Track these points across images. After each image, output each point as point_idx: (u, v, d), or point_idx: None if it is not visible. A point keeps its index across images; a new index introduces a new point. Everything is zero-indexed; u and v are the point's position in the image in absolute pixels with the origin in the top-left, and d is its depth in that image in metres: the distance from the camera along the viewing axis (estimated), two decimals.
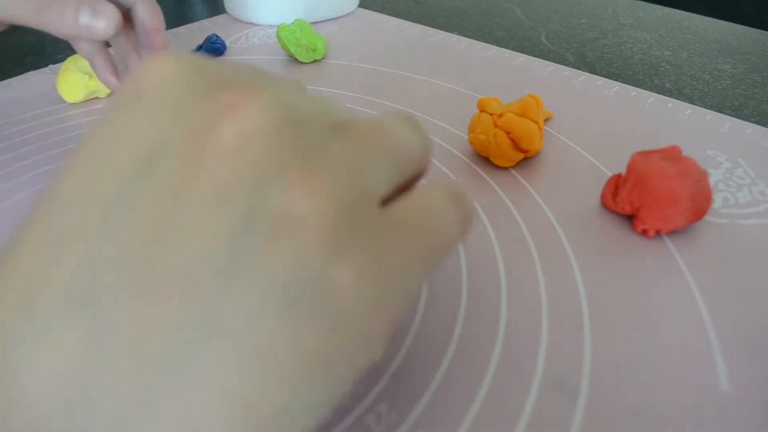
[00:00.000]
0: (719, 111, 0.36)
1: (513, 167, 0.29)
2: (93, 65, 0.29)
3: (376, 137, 0.13)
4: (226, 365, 0.10)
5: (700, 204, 0.24)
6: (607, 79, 0.39)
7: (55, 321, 0.10)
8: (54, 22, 0.24)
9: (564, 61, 0.43)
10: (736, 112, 0.36)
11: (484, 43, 0.44)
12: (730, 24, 0.52)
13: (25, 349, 0.10)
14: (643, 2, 0.57)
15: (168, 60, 0.12)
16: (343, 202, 0.11)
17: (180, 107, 0.11)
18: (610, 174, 0.28)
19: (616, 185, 0.25)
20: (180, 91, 0.12)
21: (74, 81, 0.33)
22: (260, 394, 0.10)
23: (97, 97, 0.34)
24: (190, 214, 0.10)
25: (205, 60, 0.13)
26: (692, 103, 0.37)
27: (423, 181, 0.15)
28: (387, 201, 0.13)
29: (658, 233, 0.24)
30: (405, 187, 0.14)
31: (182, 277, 0.10)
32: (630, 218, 0.25)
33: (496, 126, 0.28)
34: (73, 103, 0.34)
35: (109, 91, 0.34)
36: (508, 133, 0.28)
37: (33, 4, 0.24)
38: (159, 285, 0.10)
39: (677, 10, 0.55)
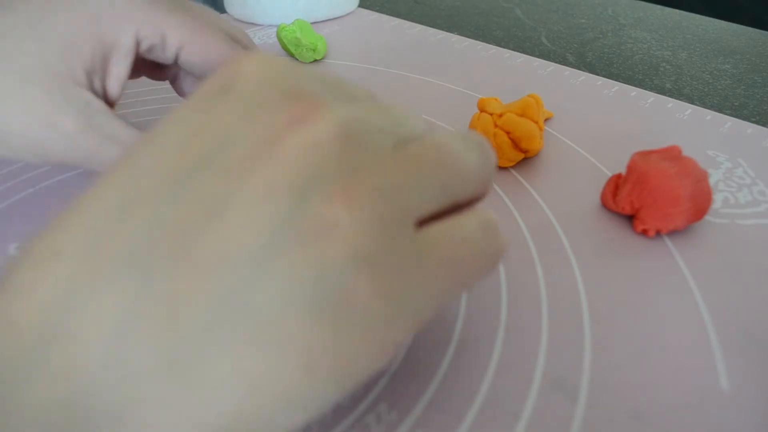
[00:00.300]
0: (719, 111, 0.36)
1: (513, 167, 0.29)
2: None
3: (430, 158, 0.13)
4: (243, 347, 0.10)
5: (700, 204, 0.24)
6: (607, 79, 0.39)
7: (111, 276, 0.11)
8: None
9: (564, 61, 0.43)
10: (736, 112, 0.36)
11: (484, 43, 0.44)
12: (730, 24, 0.52)
13: (81, 298, 0.11)
14: (643, 2, 0.57)
15: (256, 62, 0.14)
16: (378, 219, 0.12)
17: (256, 110, 0.13)
18: (610, 174, 0.28)
19: (616, 185, 0.25)
20: (260, 94, 0.13)
21: None
22: (266, 381, 0.11)
23: None
24: (240, 205, 0.11)
25: (288, 65, 0.14)
26: (692, 103, 0.37)
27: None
28: (428, 220, 0.13)
29: (658, 233, 0.24)
30: (461, 206, 0.15)
31: (222, 260, 0.11)
32: (630, 218, 0.25)
33: (496, 126, 0.28)
34: None
35: None
36: (508, 133, 0.28)
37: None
38: (201, 263, 0.11)
39: (677, 10, 0.55)
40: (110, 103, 0.22)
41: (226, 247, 0.11)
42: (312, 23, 0.47)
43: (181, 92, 0.27)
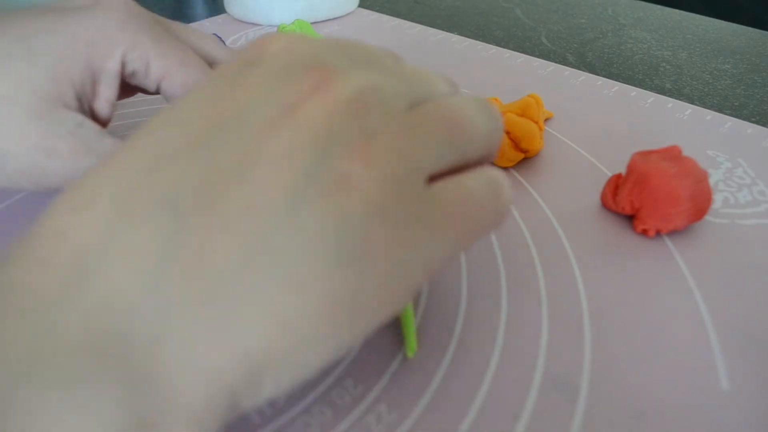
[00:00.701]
0: (719, 111, 0.36)
1: (513, 167, 0.29)
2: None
3: (441, 119, 0.15)
4: (273, 288, 0.11)
5: (700, 204, 0.24)
6: (607, 79, 0.39)
7: (148, 216, 0.12)
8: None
9: (564, 61, 0.43)
10: (736, 112, 0.36)
11: (484, 43, 0.44)
12: (730, 24, 0.52)
13: (118, 236, 0.11)
14: (643, 2, 0.57)
15: (282, 39, 0.15)
16: (392, 176, 0.13)
17: (280, 80, 0.14)
18: (610, 174, 0.28)
19: (616, 185, 0.25)
20: (283, 66, 0.14)
21: None
22: (295, 320, 0.11)
23: None
24: (267, 161, 0.12)
25: (310, 41, 0.15)
26: (692, 103, 0.37)
27: None
28: (438, 177, 0.14)
29: (658, 233, 0.24)
30: (470, 166, 0.16)
31: (251, 209, 0.12)
32: (630, 218, 0.25)
33: None
34: None
35: None
36: (508, 133, 0.28)
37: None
38: (232, 211, 0.12)
39: (677, 10, 0.55)
40: (102, 124, 0.22)
41: (254, 197, 0.12)
42: (312, 23, 0.47)
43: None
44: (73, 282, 0.11)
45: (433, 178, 0.14)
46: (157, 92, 0.23)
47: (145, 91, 0.24)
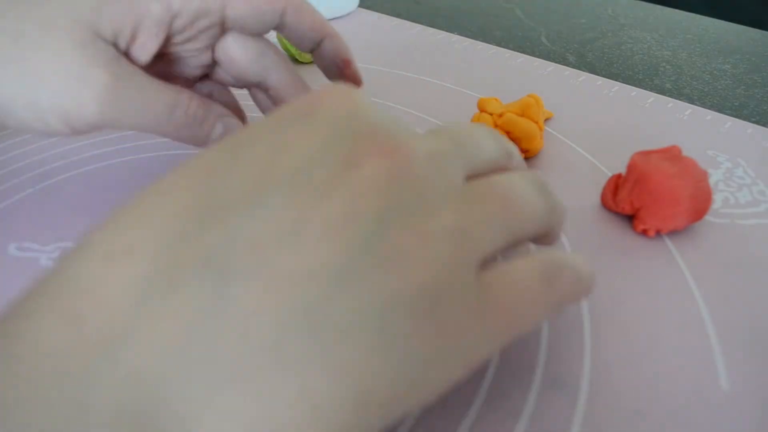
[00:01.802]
0: (719, 111, 0.36)
1: None
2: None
3: (498, 197, 0.14)
4: (308, 370, 0.11)
5: (700, 204, 0.24)
6: (607, 79, 0.39)
7: (187, 281, 0.11)
8: (187, 137, 0.22)
9: (564, 61, 0.43)
10: (736, 112, 0.36)
11: (484, 43, 0.44)
12: (730, 24, 0.52)
13: (154, 301, 0.11)
14: (643, 2, 0.57)
15: (338, 93, 0.14)
16: (447, 258, 0.12)
17: (338, 137, 0.13)
18: (610, 174, 0.28)
19: (616, 185, 0.25)
20: (342, 123, 0.13)
21: None
22: (324, 410, 0.11)
23: None
24: (323, 224, 0.12)
25: (366, 101, 0.14)
26: (692, 103, 0.37)
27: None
28: (490, 259, 0.14)
29: (658, 233, 0.24)
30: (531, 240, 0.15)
31: (299, 279, 0.11)
32: (630, 218, 0.25)
33: (496, 126, 0.28)
34: None
35: None
36: (508, 133, 0.28)
37: (168, 120, 0.21)
38: (277, 277, 0.11)
39: (677, 10, 0.55)
40: None
41: (303, 264, 0.11)
42: None
43: None
44: (104, 349, 0.10)
45: (485, 262, 0.13)
46: (208, 79, 0.23)
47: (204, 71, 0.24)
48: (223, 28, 0.22)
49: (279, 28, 0.23)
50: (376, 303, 0.11)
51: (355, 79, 0.27)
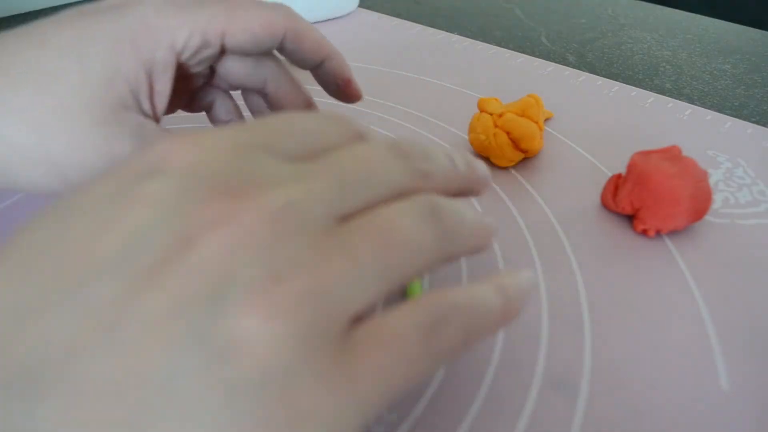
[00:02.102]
0: (719, 111, 0.36)
1: (513, 167, 0.29)
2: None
3: (366, 245, 0.12)
4: None
5: (700, 204, 0.24)
6: (607, 79, 0.39)
7: None
8: None
9: (564, 61, 0.43)
10: (736, 112, 0.36)
11: (484, 43, 0.44)
12: (730, 24, 0.52)
13: None
14: (643, 2, 0.57)
15: (188, 145, 0.12)
16: (299, 330, 0.10)
17: (177, 205, 0.11)
18: (610, 174, 0.28)
19: (616, 185, 0.25)
20: (185, 186, 0.12)
21: None
22: None
23: None
24: (145, 319, 0.10)
25: (226, 148, 0.13)
26: (692, 103, 0.37)
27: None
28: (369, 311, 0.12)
29: (658, 233, 0.24)
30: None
31: (115, 388, 0.10)
32: (630, 218, 0.25)
33: (496, 126, 0.28)
34: None
35: None
36: (508, 133, 0.28)
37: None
38: (93, 391, 0.10)
39: (677, 10, 0.55)
40: (158, 120, 0.21)
41: (122, 371, 0.10)
42: (312, 23, 0.47)
43: (215, 121, 0.26)
44: None
45: (358, 316, 0.12)
46: (210, 93, 0.23)
47: (196, 104, 0.24)
48: (222, 52, 0.23)
49: (279, 51, 0.24)
50: (213, 402, 0.10)
51: (355, 97, 0.27)
